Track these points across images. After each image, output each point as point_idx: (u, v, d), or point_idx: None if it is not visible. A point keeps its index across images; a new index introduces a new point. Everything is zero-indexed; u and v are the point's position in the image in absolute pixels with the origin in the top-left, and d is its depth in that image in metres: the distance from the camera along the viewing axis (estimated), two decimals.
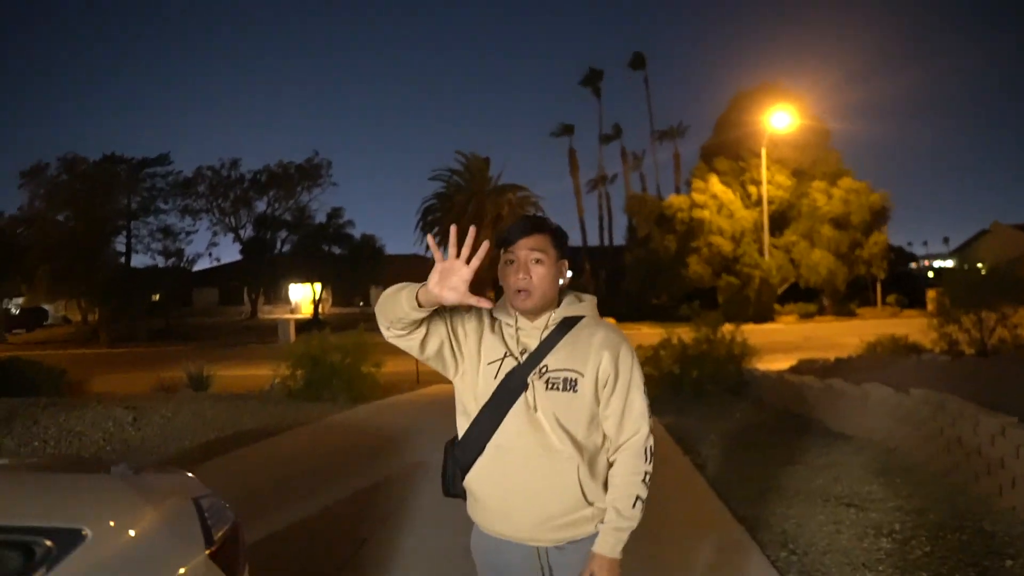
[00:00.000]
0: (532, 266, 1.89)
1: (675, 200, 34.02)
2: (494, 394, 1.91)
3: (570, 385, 1.89)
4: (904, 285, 39.32)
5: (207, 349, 29.60)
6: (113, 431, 7.28)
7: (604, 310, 2.02)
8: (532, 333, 1.95)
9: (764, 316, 31.25)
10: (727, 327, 12.22)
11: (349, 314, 47.29)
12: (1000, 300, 11.53)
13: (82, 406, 8.13)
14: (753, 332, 13.01)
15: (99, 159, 45.41)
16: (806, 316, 32.85)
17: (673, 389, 11.79)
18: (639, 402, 1.93)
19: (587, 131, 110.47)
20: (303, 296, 48.38)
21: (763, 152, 32.00)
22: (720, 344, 11.84)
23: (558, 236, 1.96)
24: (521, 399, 1.89)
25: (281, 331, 32.08)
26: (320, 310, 44.22)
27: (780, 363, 14.78)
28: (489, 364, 1.94)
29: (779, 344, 21.41)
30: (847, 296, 34.81)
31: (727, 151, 35.17)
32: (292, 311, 48.73)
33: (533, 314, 1.95)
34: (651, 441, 1.94)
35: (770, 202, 32.33)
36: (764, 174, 31.89)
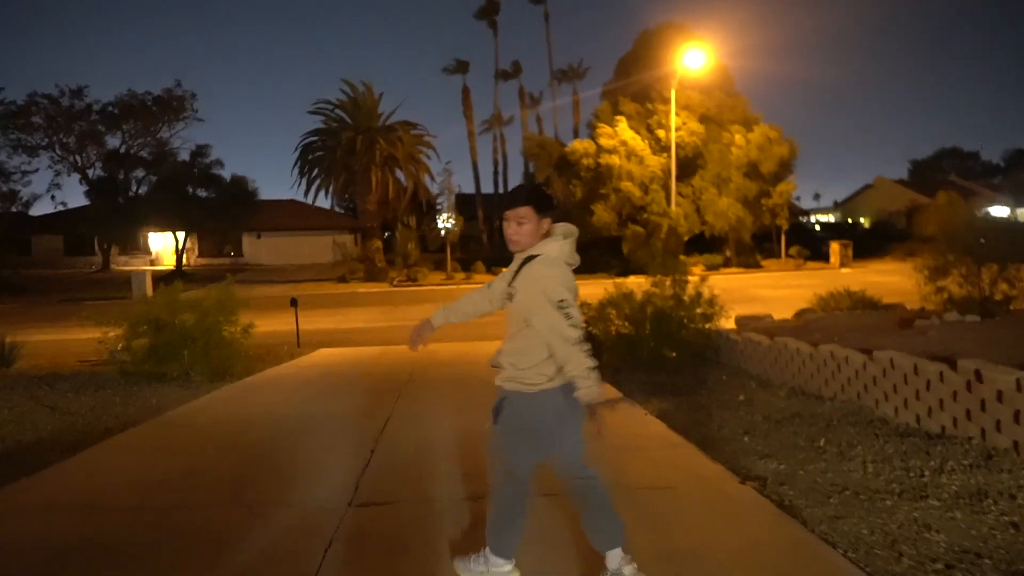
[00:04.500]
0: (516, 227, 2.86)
1: (579, 145, 31.60)
2: None
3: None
4: (799, 238, 38.99)
5: (41, 306, 25.15)
6: None
7: (497, 260, 2.60)
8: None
9: (670, 267, 29.76)
10: (692, 278, 10.01)
11: (219, 265, 42.74)
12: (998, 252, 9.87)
13: None
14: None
15: None
16: (712, 267, 31.59)
17: (625, 357, 9.52)
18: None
19: (482, 69, 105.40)
20: (165, 245, 43.29)
21: (672, 94, 30.09)
22: (687, 300, 9.60)
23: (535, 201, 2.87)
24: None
25: (135, 284, 27.77)
26: (185, 261, 39.60)
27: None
28: None
29: None
30: (751, 247, 33.91)
31: (631, 94, 33.15)
32: (152, 262, 43.63)
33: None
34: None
35: (680, 147, 30.59)
36: (673, 119, 30.04)
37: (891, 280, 23.53)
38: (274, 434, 5.75)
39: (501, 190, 43.37)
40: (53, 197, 45.12)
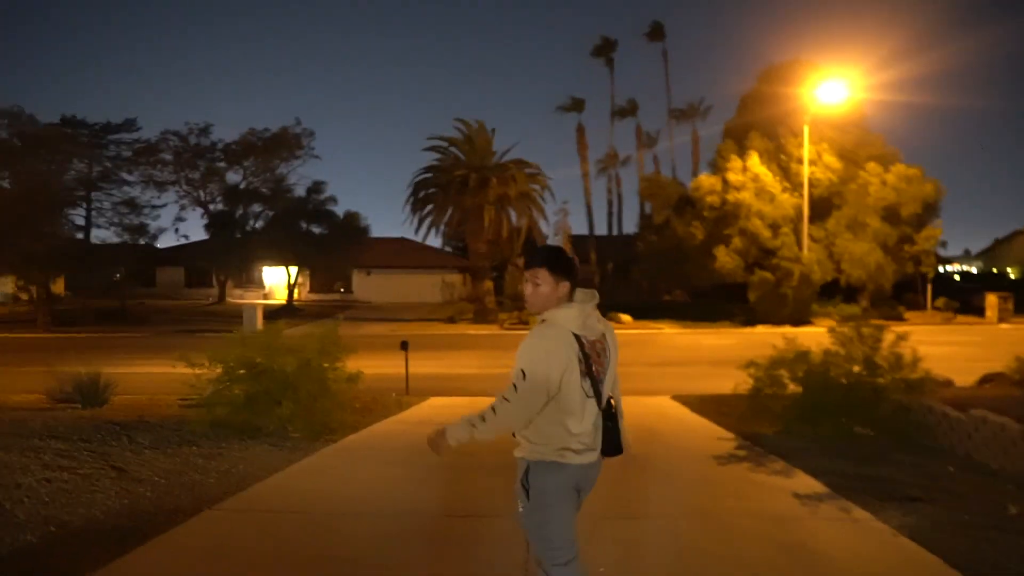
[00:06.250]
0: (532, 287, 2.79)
1: (705, 180, 29.60)
2: None
3: None
4: (941, 289, 35.43)
5: (157, 336, 25.26)
6: None
7: (611, 305, 2.52)
8: None
9: (800, 318, 27.25)
10: (888, 334, 8.13)
11: (329, 301, 42.90)
12: None
13: None
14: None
15: (55, 122, 40.88)
16: (848, 319, 28.74)
17: (797, 430, 7.74)
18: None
19: (597, 107, 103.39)
20: (278, 280, 43.86)
21: (805, 129, 27.82)
22: (883, 364, 7.75)
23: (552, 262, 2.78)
24: None
25: (247, 318, 27.65)
26: (296, 296, 39.81)
27: None
28: None
29: None
30: (890, 298, 30.84)
31: (755, 131, 31.05)
32: (265, 296, 44.30)
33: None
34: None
35: (815, 186, 28.18)
36: (807, 150, 27.72)
37: None
38: (379, 544, 4.26)
39: (615, 232, 41.86)
40: (177, 230, 46.72)
